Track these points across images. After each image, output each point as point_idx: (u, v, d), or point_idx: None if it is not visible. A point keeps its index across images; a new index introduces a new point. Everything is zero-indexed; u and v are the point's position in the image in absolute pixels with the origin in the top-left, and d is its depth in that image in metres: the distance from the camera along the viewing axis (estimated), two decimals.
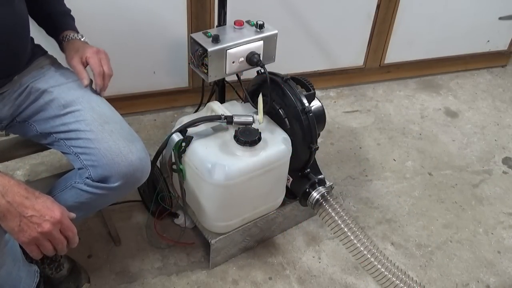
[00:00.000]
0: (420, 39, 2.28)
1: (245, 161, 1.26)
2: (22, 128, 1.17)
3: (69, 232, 0.87)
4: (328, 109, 2.16)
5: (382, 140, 2.03)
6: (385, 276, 1.24)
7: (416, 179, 1.85)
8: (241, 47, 1.33)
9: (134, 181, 1.10)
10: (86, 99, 1.16)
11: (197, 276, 1.43)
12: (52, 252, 0.86)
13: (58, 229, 0.85)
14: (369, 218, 1.67)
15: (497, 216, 1.71)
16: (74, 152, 1.11)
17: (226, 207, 1.34)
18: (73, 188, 1.12)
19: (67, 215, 0.87)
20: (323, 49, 2.15)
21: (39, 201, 0.84)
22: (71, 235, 0.88)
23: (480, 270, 1.52)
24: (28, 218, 0.83)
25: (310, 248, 1.54)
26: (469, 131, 2.12)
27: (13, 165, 1.73)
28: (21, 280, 1.05)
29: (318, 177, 1.43)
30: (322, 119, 1.44)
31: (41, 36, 1.24)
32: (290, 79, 1.37)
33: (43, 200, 0.85)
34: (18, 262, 1.03)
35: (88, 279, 1.36)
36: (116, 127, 1.11)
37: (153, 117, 2.03)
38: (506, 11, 2.34)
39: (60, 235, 0.86)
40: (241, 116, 1.31)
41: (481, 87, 2.44)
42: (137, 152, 1.08)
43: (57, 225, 0.85)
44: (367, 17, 2.12)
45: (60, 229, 0.86)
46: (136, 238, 1.52)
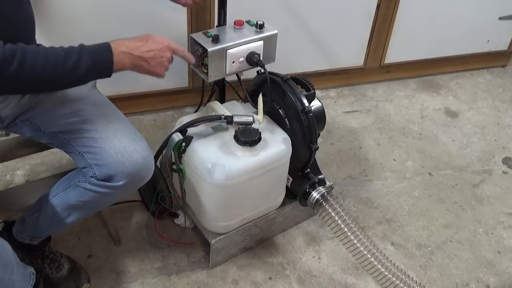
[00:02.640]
0: (420, 39, 2.28)
1: (245, 161, 1.26)
2: (25, 127, 1.17)
3: (180, 52, 1.13)
4: (328, 109, 2.16)
5: (382, 140, 2.03)
6: (385, 276, 1.24)
7: (416, 179, 1.85)
8: (241, 47, 1.33)
9: (139, 179, 1.11)
10: (91, 99, 1.17)
11: (197, 276, 1.43)
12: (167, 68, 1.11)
13: (171, 51, 1.09)
14: (369, 218, 1.67)
15: (497, 216, 1.71)
16: (78, 151, 1.11)
17: (226, 207, 1.34)
18: (77, 187, 1.12)
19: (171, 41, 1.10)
20: (323, 49, 2.15)
21: (150, 41, 1.05)
22: (182, 53, 1.15)
23: (480, 270, 1.52)
24: (153, 57, 1.05)
25: (310, 248, 1.54)
26: (469, 131, 2.12)
27: (13, 165, 1.73)
28: (15, 284, 1.05)
29: (318, 177, 1.43)
30: (322, 119, 1.44)
31: (42, 37, 1.24)
32: (290, 79, 1.37)
33: (151, 38, 1.05)
34: (10, 266, 1.02)
35: (88, 279, 1.36)
36: (120, 126, 1.11)
37: (153, 117, 2.03)
38: (506, 11, 2.34)
39: (172, 55, 1.11)
40: (241, 116, 1.31)
41: (481, 87, 2.44)
42: (141, 151, 1.09)
43: (170, 49, 1.09)
44: (367, 17, 2.12)
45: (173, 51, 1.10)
46: (136, 238, 1.52)
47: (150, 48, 1.04)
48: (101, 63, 0.98)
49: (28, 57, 0.90)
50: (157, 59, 1.05)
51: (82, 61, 0.95)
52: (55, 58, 0.93)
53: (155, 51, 1.05)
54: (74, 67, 0.94)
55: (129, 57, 1.01)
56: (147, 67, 1.05)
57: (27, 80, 0.92)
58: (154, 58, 1.05)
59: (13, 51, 0.89)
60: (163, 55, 1.06)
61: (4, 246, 0.99)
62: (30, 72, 0.90)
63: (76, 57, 0.94)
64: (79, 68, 0.95)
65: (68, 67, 0.94)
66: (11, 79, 0.90)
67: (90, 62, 0.96)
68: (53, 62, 0.92)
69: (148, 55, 1.03)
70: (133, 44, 1.02)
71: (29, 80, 0.92)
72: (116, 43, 1.00)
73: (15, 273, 1.04)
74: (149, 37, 1.06)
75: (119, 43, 1.01)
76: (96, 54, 0.97)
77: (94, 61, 0.96)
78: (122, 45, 1.01)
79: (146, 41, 1.04)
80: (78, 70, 0.95)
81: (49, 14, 1.63)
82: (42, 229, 1.26)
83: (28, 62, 0.90)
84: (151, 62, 1.05)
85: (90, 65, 0.96)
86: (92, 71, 0.97)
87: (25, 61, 0.89)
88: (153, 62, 1.05)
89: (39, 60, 0.91)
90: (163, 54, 1.06)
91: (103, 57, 0.98)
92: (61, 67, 0.93)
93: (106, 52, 0.98)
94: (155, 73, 1.08)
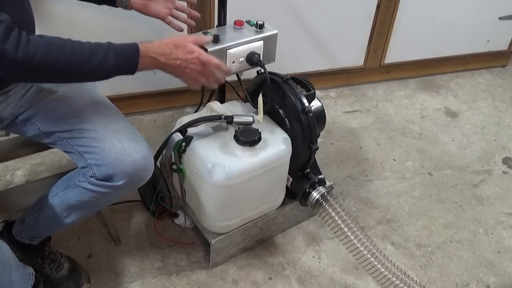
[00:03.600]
0: (420, 39, 2.28)
1: (245, 161, 1.26)
2: (24, 127, 1.17)
3: (216, 66, 1.09)
4: (328, 109, 2.16)
5: (382, 140, 2.03)
6: (385, 276, 1.24)
7: (416, 179, 1.85)
8: (241, 47, 1.33)
9: (138, 179, 1.11)
10: (90, 99, 1.17)
11: (197, 276, 1.43)
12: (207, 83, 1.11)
13: (202, 65, 1.06)
14: (369, 218, 1.67)
15: (497, 216, 1.71)
16: (77, 151, 1.11)
17: (226, 207, 1.34)
18: (77, 186, 1.12)
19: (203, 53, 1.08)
20: (323, 49, 2.15)
21: (180, 49, 1.04)
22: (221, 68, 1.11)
23: (480, 270, 1.52)
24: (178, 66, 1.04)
25: (310, 248, 1.54)
26: (469, 131, 2.12)
27: (13, 165, 1.73)
28: (13, 285, 1.05)
29: (318, 177, 1.43)
30: (322, 119, 1.44)
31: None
32: (290, 79, 1.37)
33: (183, 45, 1.04)
34: (8, 267, 1.02)
35: (88, 279, 1.36)
36: (120, 126, 1.11)
37: (153, 117, 2.03)
38: (506, 11, 2.34)
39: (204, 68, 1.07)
40: (241, 116, 1.31)
41: (481, 87, 2.44)
42: (141, 151, 1.09)
43: (201, 62, 1.06)
44: (367, 17, 2.12)
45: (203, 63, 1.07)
46: (136, 238, 1.52)
47: (177, 56, 1.03)
48: (126, 64, 0.99)
49: (52, 50, 0.91)
50: (182, 69, 1.05)
51: (107, 61, 0.96)
52: (80, 54, 0.94)
53: (181, 61, 1.04)
54: (98, 65, 0.95)
55: (154, 62, 1.02)
56: (170, 71, 1.05)
57: (50, 72, 0.93)
58: (179, 67, 1.04)
59: (36, 44, 0.89)
60: (189, 66, 1.05)
61: (2, 247, 0.99)
62: (53, 66, 0.91)
63: (102, 55, 0.95)
64: (103, 67, 0.96)
65: (93, 65, 0.94)
66: (35, 71, 0.91)
67: (115, 63, 0.96)
68: (78, 58, 0.93)
69: (173, 63, 1.03)
70: (162, 50, 1.02)
71: (52, 72, 0.93)
72: (145, 46, 1.00)
73: (13, 274, 1.04)
74: (180, 45, 1.04)
75: (148, 46, 1.01)
76: (122, 55, 0.98)
77: (119, 62, 0.97)
78: (151, 49, 1.01)
79: (177, 48, 1.04)
80: (102, 68, 0.96)
81: (48, 14, 1.63)
82: (42, 229, 1.26)
83: (51, 56, 0.90)
84: (175, 70, 1.05)
85: (114, 66, 0.97)
86: (116, 71, 0.98)
87: (49, 54, 0.90)
88: (176, 70, 1.05)
89: (63, 55, 0.92)
90: (189, 66, 1.05)
91: (129, 60, 0.99)
92: (85, 64, 0.94)
93: (132, 56, 0.99)
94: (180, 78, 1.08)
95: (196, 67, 1.07)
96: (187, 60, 1.04)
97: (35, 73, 0.92)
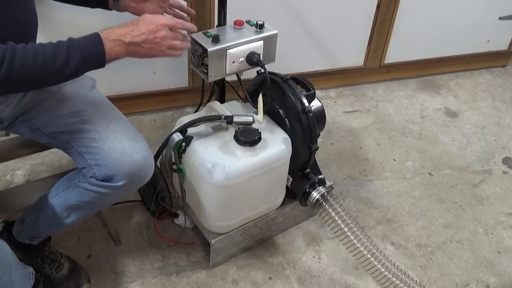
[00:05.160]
0: (420, 39, 2.28)
1: (245, 161, 1.26)
2: (24, 128, 1.17)
3: (179, 25, 1.05)
4: (328, 109, 2.16)
5: (382, 140, 2.03)
6: (385, 276, 1.24)
7: (416, 179, 1.85)
8: (241, 47, 1.33)
9: (139, 180, 1.11)
10: (90, 99, 1.17)
11: (197, 276, 1.43)
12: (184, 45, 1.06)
13: (168, 29, 1.02)
14: (369, 218, 1.67)
15: (497, 216, 1.71)
16: (78, 152, 1.11)
17: (226, 207, 1.34)
18: (77, 187, 1.12)
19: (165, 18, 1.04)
20: (323, 49, 2.15)
21: (140, 24, 0.99)
22: (183, 25, 1.06)
23: (480, 270, 1.52)
24: (146, 41, 0.99)
25: (310, 248, 1.54)
26: (469, 131, 2.12)
27: (13, 165, 1.73)
28: (14, 284, 1.05)
29: (318, 177, 1.43)
30: (322, 119, 1.44)
31: (42, 36, 1.24)
32: (290, 79, 1.37)
33: (142, 21, 1.00)
34: (8, 267, 1.02)
35: (88, 279, 1.36)
36: (120, 126, 1.11)
37: (153, 117, 2.03)
38: (506, 11, 2.34)
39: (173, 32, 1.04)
40: (241, 116, 1.31)
41: (481, 87, 2.44)
42: (141, 151, 1.09)
43: (166, 27, 1.01)
44: (367, 17, 2.12)
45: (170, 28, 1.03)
46: (136, 238, 1.52)
47: (140, 31, 0.99)
48: (92, 55, 0.95)
49: (17, 57, 0.88)
50: (150, 41, 1.00)
51: (72, 55, 0.92)
52: (44, 56, 0.91)
53: (146, 33, 0.99)
54: (64, 62, 0.92)
55: (120, 44, 0.97)
56: (144, 52, 1.01)
57: (18, 80, 0.90)
58: (146, 41, 0.99)
59: (2, 53, 0.87)
60: (157, 35, 1.00)
61: (3, 247, 0.99)
62: (20, 73, 0.89)
63: (66, 53, 0.92)
64: (70, 63, 0.92)
65: (59, 64, 0.92)
66: (2, 81, 0.88)
67: (81, 56, 0.93)
68: (42, 60, 0.90)
69: (140, 39, 0.98)
70: (123, 30, 0.98)
71: (21, 81, 0.91)
72: (106, 32, 0.97)
73: (14, 273, 1.04)
74: (141, 20, 1.01)
75: (109, 31, 0.97)
76: (85, 46, 0.94)
77: (84, 54, 0.94)
78: (112, 33, 0.97)
79: (136, 24, 0.99)
80: (69, 65, 0.92)
81: (51, 13, 1.63)
82: (42, 229, 1.26)
83: (17, 63, 0.88)
84: (145, 46, 1.00)
85: (81, 59, 0.93)
86: (84, 64, 0.95)
87: (14, 62, 0.87)
88: (146, 45, 1.00)
89: (28, 60, 0.89)
90: (157, 34, 1.00)
91: (93, 49, 0.95)
92: (51, 64, 0.91)
93: (96, 43, 0.95)
94: (157, 55, 1.03)
95: (166, 34, 1.02)
96: (152, 31, 1.00)
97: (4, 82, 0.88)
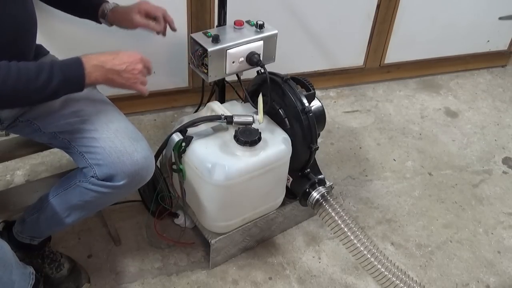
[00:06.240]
0: (420, 39, 2.28)
1: (245, 161, 1.26)
2: (25, 128, 1.17)
3: (149, 63, 1.10)
4: (328, 109, 2.16)
5: (382, 140, 2.03)
6: (385, 276, 1.24)
7: (416, 179, 1.85)
8: (241, 47, 1.33)
9: (139, 179, 1.11)
10: (91, 99, 1.17)
11: (197, 276, 1.43)
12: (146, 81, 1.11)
13: (143, 65, 1.08)
14: (369, 218, 1.67)
15: (497, 216, 1.71)
16: (78, 151, 1.11)
17: (226, 207, 1.34)
18: (78, 187, 1.12)
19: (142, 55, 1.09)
20: (323, 49, 2.15)
21: (121, 55, 1.04)
22: (150, 65, 1.11)
23: (480, 270, 1.52)
24: (125, 70, 1.04)
25: (310, 248, 1.54)
26: (469, 131, 2.12)
27: (13, 165, 1.73)
28: (14, 284, 1.05)
29: (318, 177, 1.43)
30: (322, 119, 1.44)
31: (42, 36, 1.24)
32: (290, 79, 1.37)
33: (122, 53, 1.05)
34: (9, 266, 1.02)
35: (88, 279, 1.36)
36: (120, 126, 1.12)
37: (153, 117, 2.03)
38: (506, 11, 2.34)
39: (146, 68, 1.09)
40: (241, 116, 1.31)
41: (481, 87, 2.44)
42: (142, 150, 1.09)
43: (142, 62, 1.07)
44: (367, 17, 2.12)
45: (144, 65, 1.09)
46: (136, 238, 1.52)
47: (122, 61, 1.04)
48: (72, 77, 0.98)
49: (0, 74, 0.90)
50: (129, 72, 1.05)
51: (53, 76, 0.95)
52: (26, 74, 0.93)
53: (127, 64, 1.04)
54: (46, 82, 0.94)
55: (100, 70, 1.01)
56: (120, 80, 1.05)
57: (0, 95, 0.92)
58: (125, 71, 1.04)
59: None
60: (135, 67, 1.06)
61: (3, 246, 0.99)
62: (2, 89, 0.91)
63: (48, 72, 0.95)
64: (51, 83, 0.95)
65: (40, 82, 0.94)
66: None
67: (62, 77, 0.96)
68: (25, 78, 0.93)
69: (120, 67, 1.03)
70: (105, 57, 1.02)
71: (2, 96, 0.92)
72: (87, 56, 1.01)
73: (14, 273, 1.04)
74: (120, 52, 1.06)
75: (90, 56, 1.01)
76: (67, 68, 0.98)
77: (65, 75, 0.97)
78: (94, 58, 1.01)
79: (117, 54, 1.04)
80: (50, 85, 0.95)
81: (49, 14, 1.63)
82: (42, 229, 1.26)
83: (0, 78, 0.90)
84: (123, 75, 1.04)
85: (62, 80, 0.96)
86: (64, 85, 0.97)
87: None
88: (125, 74, 1.05)
89: (11, 76, 0.91)
90: (136, 66, 1.06)
91: (74, 71, 0.98)
92: (33, 83, 0.93)
93: (77, 66, 0.99)
94: (129, 87, 1.07)
95: (142, 69, 1.07)
96: (133, 62, 1.05)
97: None
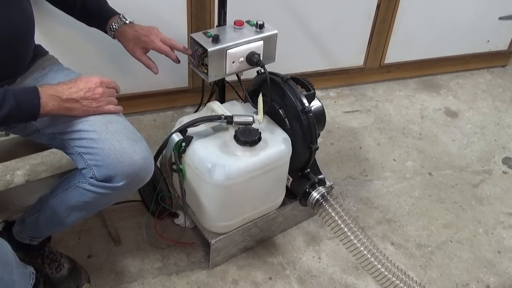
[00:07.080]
0: (420, 39, 2.28)
1: (245, 161, 1.26)
2: (24, 129, 1.17)
3: (112, 83, 1.11)
4: (328, 109, 2.16)
5: (382, 140, 2.03)
6: (385, 276, 1.24)
7: (416, 179, 1.85)
8: (241, 47, 1.33)
9: (138, 180, 1.10)
10: None
11: (197, 276, 1.43)
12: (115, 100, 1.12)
13: (105, 87, 1.08)
14: (369, 218, 1.67)
15: (497, 216, 1.71)
16: (77, 152, 1.11)
17: (226, 207, 1.34)
18: (77, 187, 1.12)
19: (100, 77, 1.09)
20: (323, 49, 2.15)
21: (78, 82, 1.04)
22: (114, 84, 1.12)
23: (480, 270, 1.52)
24: (84, 97, 1.04)
25: (310, 248, 1.54)
26: (469, 131, 2.12)
27: (13, 165, 1.73)
28: (14, 284, 1.05)
29: (318, 177, 1.43)
30: (322, 119, 1.44)
31: (41, 36, 1.24)
32: (290, 79, 1.37)
33: (80, 79, 1.05)
34: (9, 266, 1.02)
35: (88, 279, 1.36)
36: (119, 127, 1.11)
37: (153, 117, 2.03)
38: (506, 11, 2.34)
39: (109, 89, 1.10)
40: (241, 116, 1.31)
41: (481, 87, 2.44)
42: (141, 151, 1.09)
43: (103, 85, 1.07)
44: (367, 17, 2.12)
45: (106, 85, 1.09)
46: (136, 238, 1.52)
47: (78, 88, 1.03)
48: (26, 104, 0.98)
49: None
50: (88, 98, 1.05)
51: (6, 101, 0.95)
52: None
53: (84, 90, 1.04)
54: None
55: (57, 100, 1.01)
56: (82, 108, 1.05)
57: None
58: (84, 98, 1.04)
59: None
60: (96, 91, 1.06)
61: (4, 246, 0.99)
62: None
63: (0, 97, 0.94)
64: (2, 108, 0.94)
65: None
66: None
67: (14, 103, 0.95)
68: None
69: (77, 95, 1.03)
70: (61, 87, 1.02)
71: None
72: (44, 86, 1.01)
73: (14, 273, 1.04)
74: (78, 79, 1.06)
75: (46, 86, 1.01)
76: (21, 95, 0.97)
77: (18, 103, 0.96)
78: (50, 88, 1.01)
79: (74, 82, 1.04)
80: (0, 110, 0.94)
81: (49, 14, 1.63)
82: (42, 229, 1.26)
83: None
84: (84, 102, 1.05)
85: (14, 107, 0.95)
86: (16, 112, 0.97)
87: None
88: (85, 102, 1.05)
89: None
90: (95, 91, 1.06)
91: (29, 99, 0.98)
92: None
93: (32, 94, 0.98)
94: (94, 112, 1.08)
95: (104, 90, 1.07)
96: (91, 88, 1.05)
97: None
